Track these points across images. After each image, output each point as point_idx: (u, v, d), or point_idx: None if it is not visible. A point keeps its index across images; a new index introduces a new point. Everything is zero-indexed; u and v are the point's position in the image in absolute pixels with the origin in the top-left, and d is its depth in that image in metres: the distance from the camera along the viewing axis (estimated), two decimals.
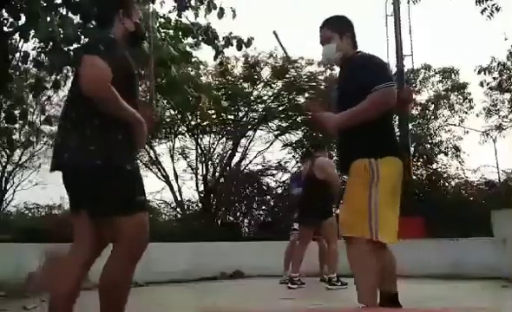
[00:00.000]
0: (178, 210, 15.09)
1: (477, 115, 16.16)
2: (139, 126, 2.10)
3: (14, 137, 6.08)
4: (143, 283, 5.64)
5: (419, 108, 15.95)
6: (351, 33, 2.66)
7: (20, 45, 5.35)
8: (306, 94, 15.27)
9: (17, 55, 5.40)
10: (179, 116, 13.83)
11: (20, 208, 14.60)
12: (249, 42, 5.53)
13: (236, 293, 4.97)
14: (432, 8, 24.09)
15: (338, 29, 2.64)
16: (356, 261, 2.41)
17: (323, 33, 2.69)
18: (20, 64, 5.60)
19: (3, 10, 4.98)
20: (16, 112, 5.59)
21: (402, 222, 9.15)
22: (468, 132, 16.10)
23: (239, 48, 5.56)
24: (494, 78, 14.85)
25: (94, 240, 2.11)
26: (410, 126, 12.61)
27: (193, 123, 14.48)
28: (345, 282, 5.32)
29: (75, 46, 4.79)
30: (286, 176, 14.00)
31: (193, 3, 5.54)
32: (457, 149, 15.36)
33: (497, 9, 7.64)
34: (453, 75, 16.21)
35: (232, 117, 14.77)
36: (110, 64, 1.95)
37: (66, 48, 4.82)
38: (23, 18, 4.91)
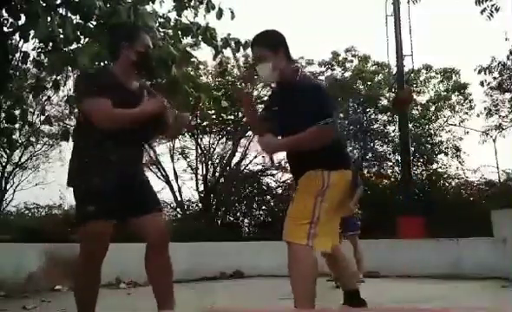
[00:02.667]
0: (178, 210, 15.08)
1: (478, 115, 16.19)
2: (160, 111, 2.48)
3: (14, 137, 6.05)
4: (143, 283, 5.65)
5: (420, 109, 15.96)
6: (284, 47, 2.59)
7: (20, 45, 5.35)
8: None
9: (17, 55, 5.39)
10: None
11: (20, 208, 14.59)
12: (247, 45, 5.52)
13: (236, 293, 4.97)
14: (432, 8, 24.11)
15: (270, 46, 2.56)
16: (292, 266, 2.44)
17: (255, 52, 2.63)
18: (20, 64, 5.59)
19: (3, 10, 4.97)
20: (16, 112, 5.58)
21: (402, 222, 9.20)
22: (468, 132, 16.13)
23: (238, 50, 5.55)
24: (494, 78, 14.87)
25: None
26: (410, 126, 12.61)
27: (193, 123, 14.48)
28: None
29: (74, 46, 4.79)
30: (287, 176, 14.00)
31: (192, 2, 5.53)
32: (457, 149, 15.37)
33: (497, 10, 7.65)
34: (454, 76, 16.23)
35: (232, 117, 14.77)
36: (104, 91, 2.32)
37: (66, 49, 4.81)
38: (23, 18, 4.90)
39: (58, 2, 4.67)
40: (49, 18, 4.46)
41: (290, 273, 2.44)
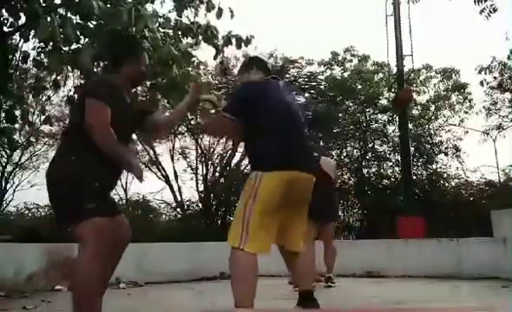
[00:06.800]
0: (178, 210, 15.09)
1: (477, 113, 16.20)
2: (127, 165, 2.41)
3: (14, 137, 6.06)
4: (143, 283, 5.65)
5: (420, 108, 15.95)
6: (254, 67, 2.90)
7: (20, 45, 5.36)
8: (306, 94, 15.26)
9: (17, 55, 5.40)
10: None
11: (20, 208, 14.60)
12: (248, 41, 5.52)
13: None
14: (432, 8, 24.11)
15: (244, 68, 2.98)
16: (230, 268, 2.50)
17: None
18: (20, 64, 5.59)
19: (3, 10, 4.98)
20: (16, 112, 5.59)
21: (402, 222, 9.15)
22: (467, 132, 16.13)
23: (239, 47, 5.55)
24: (494, 77, 14.87)
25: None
26: (410, 126, 12.60)
27: (193, 123, 14.49)
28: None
29: (74, 46, 4.80)
30: None
31: (192, 2, 5.55)
32: (457, 149, 15.37)
33: (495, 10, 7.67)
34: (454, 75, 16.23)
35: None
36: (107, 103, 2.32)
37: (66, 48, 4.82)
38: (23, 18, 4.91)
39: (58, 2, 4.67)
40: (48, 18, 4.46)
41: (231, 276, 2.50)
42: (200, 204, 14.81)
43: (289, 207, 2.57)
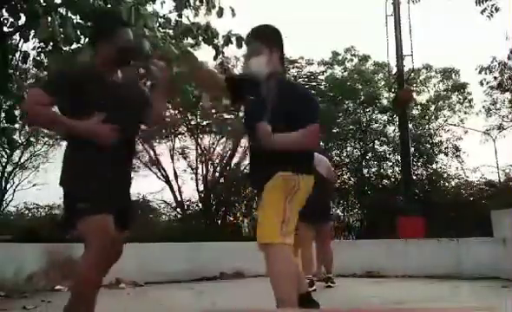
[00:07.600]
0: (178, 210, 15.09)
1: (477, 114, 16.22)
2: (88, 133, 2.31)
3: (14, 137, 6.05)
4: (143, 283, 5.65)
5: (420, 108, 15.96)
6: (280, 48, 2.58)
7: (20, 45, 5.35)
8: None
9: (17, 55, 5.39)
10: (179, 116, 13.87)
11: (20, 208, 14.61)
12: None
13: (236, 293, 4.97)
14: (432, 8, 24.12)
15: (268, 42, 2.53)
16: (277, 267, 2.40)
17: (252, 45, 2.58)
18: (20, 64, 5.59)
19: (3, 10, 4.97)
20: (16, 112, 5.58)
21: (402, 222, 9.12)
22: (467, 132, 16.15)
23: (240, 46, 5.55)
24: (495, 78, 14.89)
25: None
26: (410, 126, 12.62)
27: (193, 123, 14.49)
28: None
29: (74, 46, 4.80)
30: None
31: (192, 2, 5.54)
32: (457, 149, 15.38)
33: (496, 10, 7.67)
34: (453, 75, 16.25)
35: (232, 116, 14.79)
36: (60, 89, 2.27)
37: (66, 48, 4.82)
38: (23, 18, 4.91)
39: (58, 2, 4.67)
40: (49, 18, 4.46)
41: (273, 274, 2.39)
42: (200, 204, 14.82)
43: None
